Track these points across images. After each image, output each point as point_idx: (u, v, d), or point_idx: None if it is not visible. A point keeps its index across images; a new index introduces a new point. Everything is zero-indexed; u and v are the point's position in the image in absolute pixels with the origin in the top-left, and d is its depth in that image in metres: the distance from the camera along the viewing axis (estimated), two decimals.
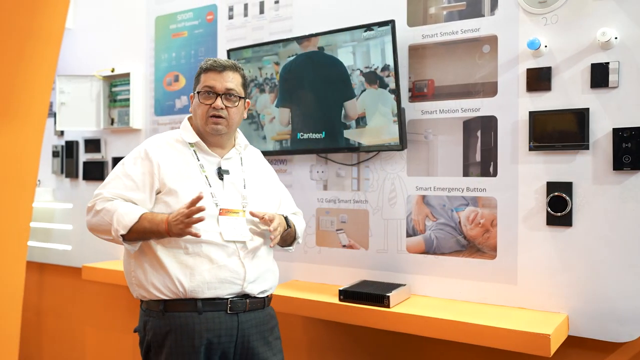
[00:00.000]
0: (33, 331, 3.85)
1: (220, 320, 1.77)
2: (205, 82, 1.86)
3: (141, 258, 1.80)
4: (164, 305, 1.76)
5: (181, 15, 3.07)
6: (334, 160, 2.54)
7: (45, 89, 1.12)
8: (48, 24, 1.08)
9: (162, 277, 1.76)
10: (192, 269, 1.75)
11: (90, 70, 3.38)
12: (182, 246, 1.76)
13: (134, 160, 1.84)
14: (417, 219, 2.33)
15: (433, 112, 2.28)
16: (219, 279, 1.77)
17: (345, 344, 2.57)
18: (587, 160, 1.98)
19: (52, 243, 3.62)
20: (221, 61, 1.88)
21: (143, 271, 1.78)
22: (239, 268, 1.80)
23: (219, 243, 1.78)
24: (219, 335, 1.77)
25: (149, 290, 1.77)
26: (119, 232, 1.71)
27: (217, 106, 1.83)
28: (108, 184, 1.82)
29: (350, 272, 2.48)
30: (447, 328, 1.97)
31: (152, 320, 1.79)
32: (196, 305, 1.75)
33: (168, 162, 1.81)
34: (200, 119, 1.87)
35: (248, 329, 1.82)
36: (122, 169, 1.83)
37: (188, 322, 1.75)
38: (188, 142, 1.88)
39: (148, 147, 1.86)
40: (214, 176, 1.87)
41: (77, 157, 3.52)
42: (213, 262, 1.77)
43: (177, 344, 1.74)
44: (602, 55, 1.95)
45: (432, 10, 2.29)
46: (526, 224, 2.09)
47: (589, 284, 1.97)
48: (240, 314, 1.80)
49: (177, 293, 1.75)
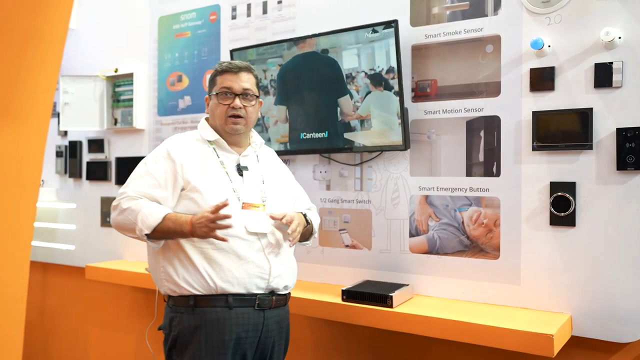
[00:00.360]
0: (37, 331, 3.86)
1: (249, 316, 1.83)
2: (222, 83, 1.92)
3: (169, 254, 1.84)
4: (195, 301, 1.80)
5: (184, 16, 3.07)
6: (337, 160, 2.54)
7: (49, 89, 1.13)
8: (52, 25, 1.09)
9: (192, 273, 1.80)
10: (221, 264, 1.80)
11: (93, 71, 3.39)
12: (209, 240, 1.79)
13: (156, 159, 1.89)
14: (420, 219, 2.32)
15: (436, 112, 2.28)
16: (248, 274, 1.82)
17: (348, 344, 2.56)
18: (590, 160, 1.97)
19: (55, 243, 3.63)
20: (236, 63, 1.95)
21: (173, 267, 1.82)
22: (265, 263, 1.85)
23: (244, 237, 1.83)
24: (247, 330, 1.82)
25: (180, 285, 1.81)
26: (143, 231, 1.76)
27: (236, 106, 1.89)
28: (131, 183, 1.87)
29: (353, 272, 2.48)
30: (450, 328, 1.97)
31: (179, 316, 1.83)
32: (227, 301, 1.80)
33: (190, 160, 1.86)
34: (219, 119, 1.93)
35: (271, 325, 1.89)
36: (145, 168, 1.88)
37: (219, 317, 1.79)
38: (207, 140, 1.94)
39: (169, 146, 1.91)
40: (234, 172, 1.92)
41: (80, 157, 3.53)
42: (241, 258, 1.82)
43: (207, 339, 1.78)
44: (605, 55, 1.94)
45: (435, 10, 2.28)
46: (529, 224, 2.08)
47: (592, 284, 1.97)
48: (266, 311, 1.87)
49: (209, 289, 1.79)
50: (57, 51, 1.11)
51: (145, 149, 3.22)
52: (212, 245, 1.80)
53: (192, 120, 3.03)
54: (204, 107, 2.98)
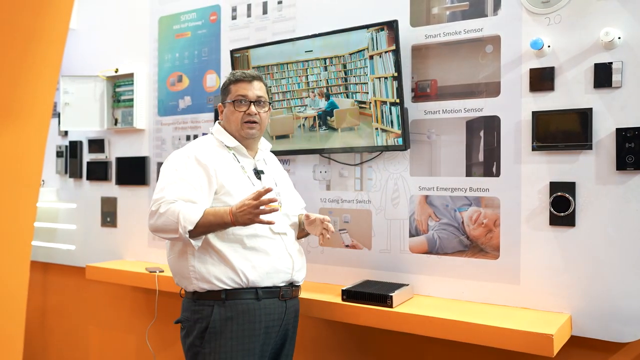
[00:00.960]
0: (37, 330, 3.87)
1: (275, 306, 1.99)
2: (237, 91, 2.04)
3: (201, 253, 1.94)
4: (226, 294, 1.92)
5: (184, 16, 3.07)
6: (337, 160, 2.54)
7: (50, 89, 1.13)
8: (52, 25, 1.09)
9: (225, 270, 1.92)
10: (253, 261, 1.95)
11: (94, 71, 3.39)
12: (239, 240, 1.94)
13: (186, 165, 1.96)
14: (420, 219, 2.33)
15: (436, 112, 2.28)
16: (276, 269, 1.98)
17: (348, 344, 2.57)
18: (590, 160, 1.97)
19: (56, 243, 3.63)
20: (249, 72, 2.08)
21: (204, 265, 1.93)
22: (288, 258, 2.02)
23: (270, 237, 1.99)
24: (273, 319, 1.99)
25: (212, 282, 1.92)
26: (187, 228, 1.83)
27: (252, 112, 2.02)
28: (165, 189, 1.92)
29: (353, 272, 2.48)
30: (450, 328, 1.97)
31: (208, 309, 1.93)
32: (257, 293, 1.95)
33: (220, 165, 1.98)
34: (235, 125, 2.05)
35: (290, 314, 2.06)
36: (177, 175, 1.94)
37: (250, 308, 1.93)
38: (228, 146, 2.05)
39: (196, 152, 1.99)
40: (253, 176, 2.07)
41: (80, 157, 3.53)
42: (269, 254, 1.97)
43: (239, 328, 1.92)
44: (605, 55, 1.94)
45: (435, 10, 2.29)
46: (529, 224, 2.08)
47: (592, 284, 1.97)
48: (287, 301, 2.04)
49: (240, 283, 1.93)
50: (58, 51, 1.11)
51: (145, 149, 3.23)
52: (242, 245, 1.94)
53: (192, 121, 3.03)
54: (204, 107, 2.99)
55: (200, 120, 3.00)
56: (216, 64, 2.94)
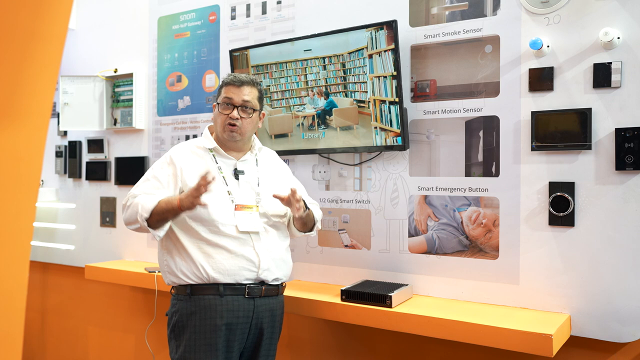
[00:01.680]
0: (36, 330, 3.86)
1: (239, 303, 2.00)
2: (225, 94, 2.08)
3: (171, 249, 2.05)
4: (191, 289, 2.01)
5: (184, 16, 3.07)
6: (336, 161, 2.54)
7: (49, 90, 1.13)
8: (51, 25, 1.09)
9: (188, 265, 2.01)
10: (213, 257, 2.00)
11: (93, 71, 3.39)
12: (203, 238, 2.01)
13: (161, 165, 2.11)
14: (419, 219, 2.33)
15: (435, 112, 2.28)
16: (237, 266, 2.00)
17: (347, 344, 2.57)
18: (589, 161, 1.98)
19: (55, 243, 3.63)
20: (240, 77, 2.10)
21: (173, 260, 2.04)
22: (254, 257, 2.02)
23: (234, 235, 2.01)
24: (238, 316, 2.00)
25: (179, 276, 2.02)
26: (143, 216, 1.95)
27: (233, 116, 2.05)
28: (138, 186, 2.08)
29: (352, 272, 2.48)
30: (449, 328, 1.97)
31: (179, 303, 2.03)
32: (218, 289, 1.99)
33: (190, 166, 2.06)
34: (219, 127, 2.10)
35: (262, 313, 2.05)
36: (151, 173, 2.10)
37: (211, 303, 1.98)
38: (207, 147, 2.12)
39: (173, 154, 2.12)
40: (231, 176, 2.10)
41: (80, 157, 3.53)
42: (230, 252, 2.00)
43: (201, 323, 1.98)
44: (604, 55, 1.95)
45: (435, 10, 2.29)
46: (528, 224, 2.09)
47: (591, 284, 1.97)
48: (256, 299, 2.04)
49: (202, 278, 1.99)
50: (57, 51, 1.11)
51: (144, 149, 3.23)
52: (206, 242, 2.00)
53: (192, 121, 3.03)
54: (203, 107, 3.00)
55: (200, 120, 3.00)
56: (215, 64, 2.94)
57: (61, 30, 1.12)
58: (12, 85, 1.04)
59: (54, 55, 1.10)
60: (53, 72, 1.11)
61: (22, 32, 1.03)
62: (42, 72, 1.08)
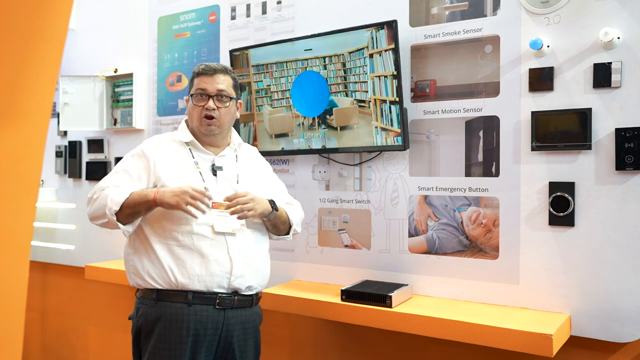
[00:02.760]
0: (36, 330, 3.86)
1: (208, 314, 1.86)
2: (198, 85, 1.98)
3: (138, 248, 1.92)
4: (157, 294, 1.87)
5: (184, 16, 3.07)
6: (336, 161, 2.54)
7: (49, 90, 1.13)
8: (52, 25, 1.09)
9: (156, 268, 1.87)
10: (184, 261, 1.86)
11: (93, 71, 3.39)
12: (175, 237, 1.87)
13: (132, 157, 1.98)
14: (419, 219, 2.33)
15: (435, 112, 2.28)
16: (209, 271, 1.86)
17: (347, 344, 2.57)
18: (589, 160, 1.98)
19: (55, 243, 3.63)
20: (212, 65, 2.00)
21: (140, 262, 1.90)
22: (227, 262, 1.88)
23: (208, 236, 1.88)
24: (206, 328, 1.86)
25: (145, 279, 1.88)
26: (112, 209, 1.82)
27: (210, 107, 1.94)
28: (106, 179, 1.96)
29: (352, 272, 2.48)
30: (449, 328, 1.97)
31: (143, 308, 1.90)
32: (187, 297, 1.85)
33: (164, 160, 1.94)
34: (195, 121, 1.98)
35: (233, 325, 1.91)
36: (121, 165, 1.97)
37: (178, 312, 1.85)
38: (184, 141, 2.00)
39: (145, 146, 1.99)
40: (208, 172, 1.98)
41: (80, 157, 3.53)
42: (204, 256, 1.87)
43: (166, 332, 1.84)
44: (604, 55, 1.95)
45: (435, 10, 2.29)
46: (528, 224, 2.09)
47: (591, 284, 1.97)
48: (227, 310, 1.90)
49: (170, 284, 1.86)
50: (57, 51, 1.11)
51: None
52: (177, 242, 1.87)
53: None
54: None
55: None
56: None
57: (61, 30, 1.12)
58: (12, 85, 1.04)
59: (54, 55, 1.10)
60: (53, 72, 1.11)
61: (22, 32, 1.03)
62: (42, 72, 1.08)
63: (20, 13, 1.02)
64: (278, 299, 2.37)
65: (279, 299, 2.37)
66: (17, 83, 1.04)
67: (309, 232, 2.60)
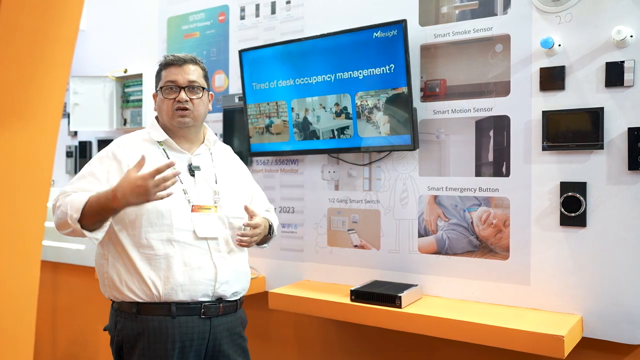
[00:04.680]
0: (47, 329, 3.89)
1: (194, 324, 1.77)
2: (167, 77, 1.86)
3: (114, 260, 1.78)
4: (137, 308, 1.75)
5: (193, 16, 3.08)
6: (345, 161, 2.54)
7: (60, 90, 1.13)
8: (63, 26, 1.09)
9: (136, 281, 1.74)
10: (166, 271, 1.74)
11: (103, 71, 3.41)
12: (153, 245, 1.74)
13: (100, 160, 1.83)
14: (429, 219, 2.32)
15: (445, 112, 2.27)
16: (192, 280, 1.76)
17: (356, 345, 2.56)
18: (601, 160, 1.96)
19: (66, 242, 3.65)
20: (180, 55, 1.89)
21: (117, 273, 1.77)
22: (211, 268, 1.79)
23: (191, 243, 1.78)
24: (192, 339, 1.77)
25: (123, 292, 1.75)
26: (73, 216, 1.64)
27: (182, 99, 1.83)
28: (72, 184, 1.80)
29: (361, 272, 2.48)
30: (459, 329, 1.96)
31: (122, 322, 1.78)
32: (170, 310, 1.74)
33: (135, 162, 1.70)
34: (166, 115, 1.86)
35: (220, 333, 1.83)
36: (88, 169, 1.82)
37: (161, 325, 1.74)
38: (157, 140, 1.87)
39: (115, 148, 1.85)
40: (185, 173, 1.86)
41: (90, 158, 3.54)
42: (186, 264, 1.76)
43: (150, 347, 1.74)
44: (617, 53, 1.93)
45: (444, 9, 2.28)
46: (539, 225, 2.07)
47: (603, 285, 1.96)
48: (213, 319, 1.81)
49: (152, 297, 1.74)
50: (68, 52, 1.12)
51: None
52: (156, 250, 1.74)
53: None
54: (213, 107, 2.98)
55: (209, 121, 3.00)
56: (225, 64, 2.94)
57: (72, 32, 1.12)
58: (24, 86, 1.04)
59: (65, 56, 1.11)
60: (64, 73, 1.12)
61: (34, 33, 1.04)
62: (54, 73, 1.09)
63: (32, 15, 1.03)
64: (287, 299, 2.37)
65: (288, 299, 2.37)
66: (28, 84, 1.05)
67: (318, 232, 2.60)
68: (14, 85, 1.03)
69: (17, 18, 1.00)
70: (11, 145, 1.05)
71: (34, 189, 1.11)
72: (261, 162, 2.80)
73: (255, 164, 2.80)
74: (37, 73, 1.07)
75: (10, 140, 1.04)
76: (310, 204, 2.63)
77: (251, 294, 1.99)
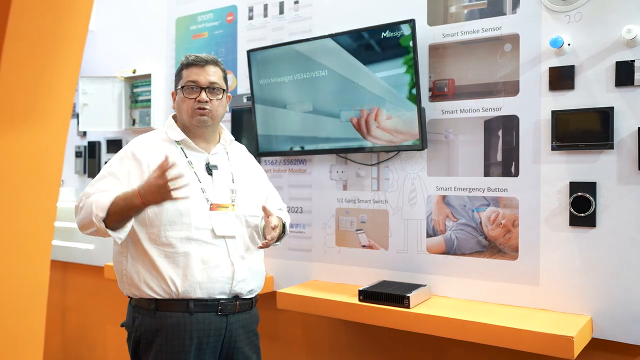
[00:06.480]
0: (57, 328, 3.91)
1: (211, 321, 1.80)
2: (188, 77, 1.88)
3: (134, 258, 1.81)
4: (156, 305, 1.79)
5: (201, 17, 3.09)
6: (353, 160, 2.53)
7: (69, 90, 1.14)
8: (72, 26, 1.10)
9: (155, 278, 1.78)
10: (185, 269, 1.77)
11: (112, 72, 3.42)
12: (172, 244, 1.77)
13: (120, 160, 1.85)
14: (437, 219, 2.31)
15: (454, 112, 2.26)
16: (210, 278, 1.79)
17: (364, 345, 2.56)
18: (611, 160, 1.94)
19: (75, 242, 3.67)
20: (202, 56, 1.91)
21: (136, 271, 1.80)
22: (228, 267, 1.82)
23: (209, 241, 1.80)
24: (209, 335, 1.80)
25: (141, 289, 1.79)
26: (98, 216, 1.67)
27: (202, 99, 1.85)
28: (93, 185, 1.82)
29: (370, 272, 2.47)
30: (467, 329, 1.95)
31: (141, 318, 1.82)
32: (188, 306, 1.78)
33: (157, 161, 1.72)
34: (185, 114, 1.89)
35: (235, 330, 1.86)
36: (109, 169, 1.84)
37: (180, 322, 1.78)
38: (175, 140, 1.90)
39: (134, 147, 1.87)
40: (203, 172, 1.88)
41: (99, 158, 3.57)
42: (205, 262, 1.79)
43: (168, 343, 1.77)
44: (627, 52, 1.91)
45: (453, 9, 2.27)
46: (548, 225, 2.06)
47: (613, 285, 1.94)
48: (229, 316, 1.84)
49: (170, 293, 1.78)
50: (77, 53, 1.13)
51: None
52: (175, 249, 1.77)
53: None
54: None
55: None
56: (233, 64, 2.95)
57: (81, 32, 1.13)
58: (34, 86, 1.05)
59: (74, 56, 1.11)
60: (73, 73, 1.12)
61: (44, 34, 1.04)
62: (63, 73, 1.10)
63: (42, 15, 1.03)
64: (295, 299, 2.38)
65: (296, 299, 2.37)
66: (39, 84, 1.06)
67: (326, 232, 2.60)
68: (24, 85, 1.04)
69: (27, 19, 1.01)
70: (21, 145, 1.06)
71: (44, 188, 1.12)
72: (269, 162, 2.81)
73: (263, 164, 2.81)
74: (47, 73, 1.07)
75: (20, 140, 1.05)
76: (318, 204, 2.63)
77: (259, 293, 2.02)
